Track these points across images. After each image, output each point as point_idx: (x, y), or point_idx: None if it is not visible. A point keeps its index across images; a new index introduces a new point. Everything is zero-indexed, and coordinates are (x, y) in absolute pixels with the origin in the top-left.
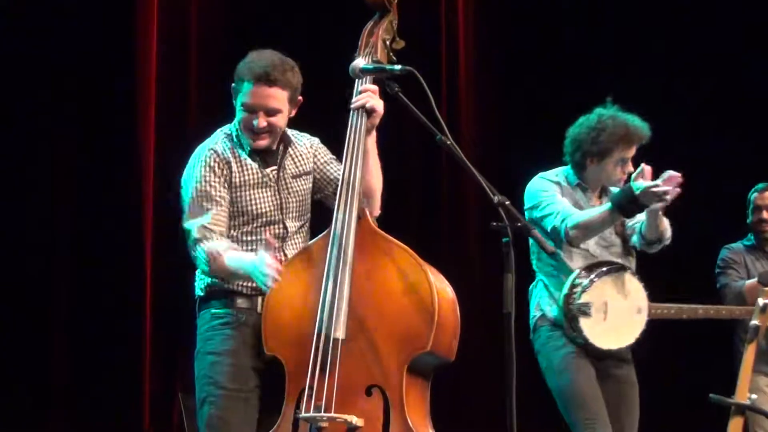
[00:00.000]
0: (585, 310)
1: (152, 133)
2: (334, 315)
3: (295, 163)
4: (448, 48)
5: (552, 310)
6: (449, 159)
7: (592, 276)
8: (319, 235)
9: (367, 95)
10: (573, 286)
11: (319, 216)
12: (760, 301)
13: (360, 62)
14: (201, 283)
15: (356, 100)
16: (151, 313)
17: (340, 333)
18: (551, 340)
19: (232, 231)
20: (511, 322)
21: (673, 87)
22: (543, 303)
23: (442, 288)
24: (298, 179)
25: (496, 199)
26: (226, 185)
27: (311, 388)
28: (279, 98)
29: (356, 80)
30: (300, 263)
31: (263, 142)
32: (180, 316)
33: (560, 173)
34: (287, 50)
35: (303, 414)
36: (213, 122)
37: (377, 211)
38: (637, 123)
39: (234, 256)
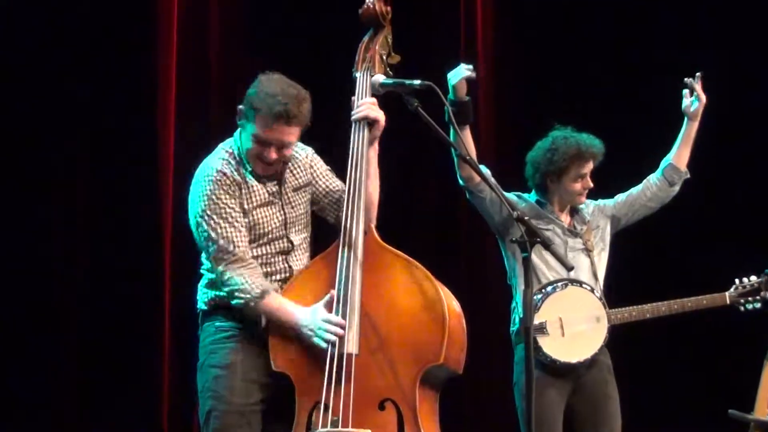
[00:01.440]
0: (541, 329)
1: (171, 147)
2: (346, 330)
3: (294, 176)
4: (467, 61)
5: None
6: None
7: (540, 296)
8: (326, 250)
9: (367, 107)
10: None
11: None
12: None
13: (379, 78)
14: (205, 296)
15: (357, 112)
16: (170, 324)
17: (353, 348)
18: (522, 361)
19: None
20: (530, 336)
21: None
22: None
23: (450, 301)
24: (298, 192)
25: (515, 214)
26: (239, 208)
27: (326, 403)
28: (294, 133)
29: (357, 89)
30: (307, 278)
31: (271, 170)
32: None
33: (522, 198)
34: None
35: (319, 430)
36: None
37: (374, 222)
38: (588, 141)
39: (283, 302)
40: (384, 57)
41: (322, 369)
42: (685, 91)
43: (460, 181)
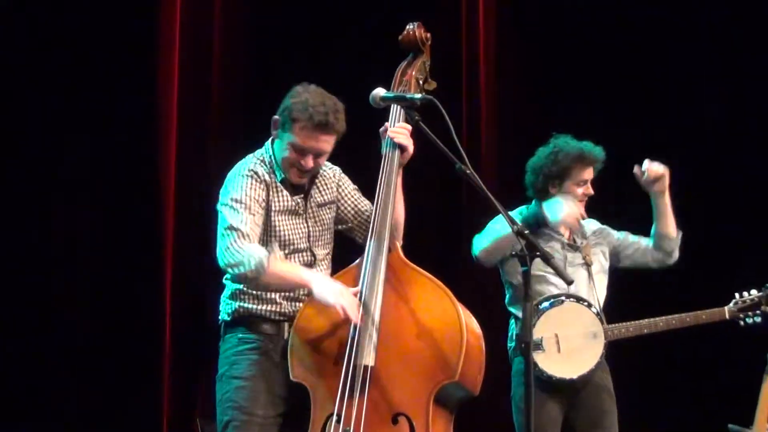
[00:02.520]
0: (537, 345)
1: (173, 156)
2: (365, 342)
3: (320, 192)
4: (469, 77)
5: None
6: (469, 188)
7: (537, 312)
8: (350, 265)
9: (403, 132)
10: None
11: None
12: None
13: (381, 91)
14: (228, 307)
15: (395, 133)
16: (170, 338)
17: (370, 360)
18: (518, 374)
19: None
20: (530, 350)
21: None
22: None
23: (470, 321)
24: (323, 208)
25: (515, 228)
26: (264, 205)
27: (339, 414)
28: (331, 143)
29: (390, 115)
30: None
31: (304, 179)
32: (199, 341)
33: (522, 210)
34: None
35: None
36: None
37: (400, 242)
38: (590, 146)
39: (290, 263)
40: (420, 82)
41: (340, 379)
42: (636, 172)
43: None
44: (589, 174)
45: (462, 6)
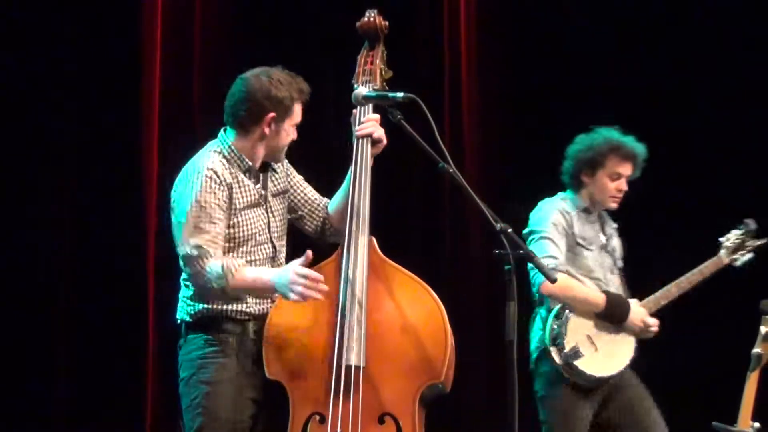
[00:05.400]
0: (576, 353)
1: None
2: (351, 342)
3: (273, 182)
4: (451, 75)
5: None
6: (452, 186)
7: (562, 320)
8: (325, 261)
9: (372, 124)
10: (553, 339)
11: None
12: (763, 329)
13: (363, 90)
14: (190, 308)
15: (361, 128)
16: (153, 340)
17: (357, 360)
18: (548, 375)
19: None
20: (513, 350)
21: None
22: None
23: (447, 319)
24: (276, 198)
25: (498, 226)
26: (225, 208)
27: (322, 414)
28: None
29: (358, 108)
30: None
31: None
32: None
33: (567, 200)
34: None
35: None
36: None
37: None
38: (632, 141)
39: (253, 269)
40: (382, 71)
41: (321, 378)
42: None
43: None
44: (625, 169)
45: (444, 4)
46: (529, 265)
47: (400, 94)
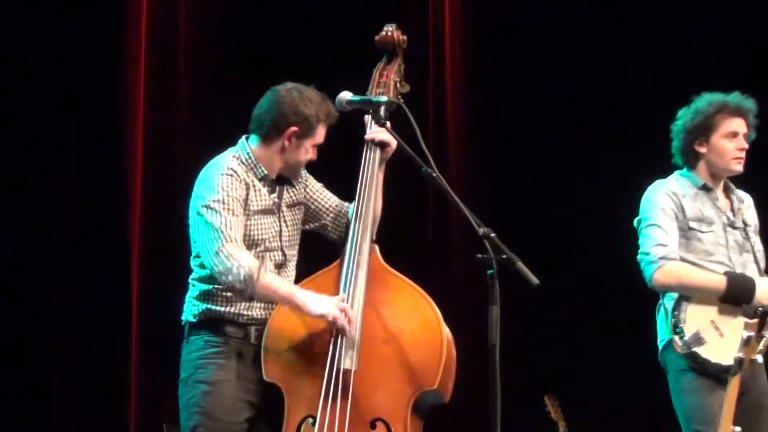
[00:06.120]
0: (698, 339)
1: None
2: (346, 346)
3: (289, 192)
4: (436, 80)
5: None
6: (435, 190)
7: (681, 307)
8: (330, 265)
9: (383, 130)
10: (674, 327)
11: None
12: (744, 334)
13: (347, 94)
14: (194, 309)
15: (373, 132)
16: (136, 340)
17: (351, 364)
18: (676, 365)
19: None
20: (496, 354)
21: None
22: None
23: (446, 329)
24: (292, 209)
25: (481, 231)
26: (243, 205)
27: (315, 417)
28: None
29: (367, 116)
30: (310, 289)
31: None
32: (166, 344)
33: (681, 180)
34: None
35: None
36: (202, 145)
37: (373, 237)
38: (736, 97)
39: (277, 278)
40: (398, 85)
41: (316, 382)
42: None
43: None
44: (740, 126)
45: (429, 8)
46: (639, 257)
47: (384, 99)
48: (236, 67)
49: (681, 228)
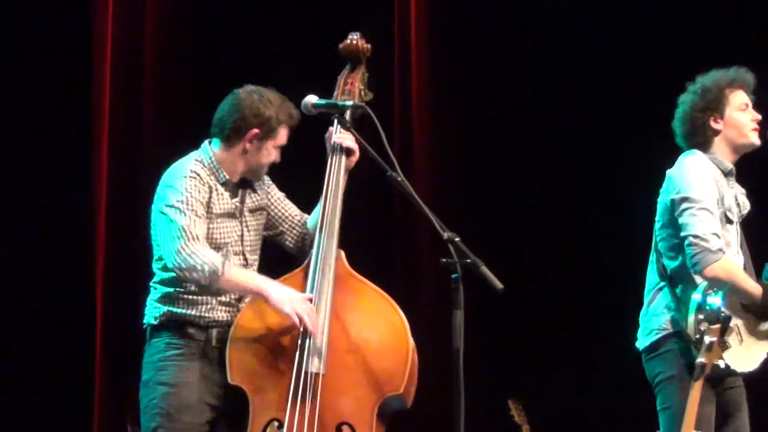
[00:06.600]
0: (725, 344)
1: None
2: (314, 349)
3: (252, 197)
4: (402, 84)
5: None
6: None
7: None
8: (293, 271)
9: (350, 136)
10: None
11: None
12: (707, 339)
13: (312, 98)
14: (156, 311)
15: (339, 137)
16: (101, 341)
17: (318, 368)
18: (674, 355)
19: None
20: (460, 358)
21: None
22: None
23: (410, 334)
24: (254, 213)
25: (445, 235)
26: (206, 207)
27: (281, 420)
28: None
29: (335, 122)
30: None
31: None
32: (131, 344)
33: (708, 162)
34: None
35: None
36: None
37: None
38: (736, 69)
39: (242, 270)
40: (362, 93)
41: (282, 385)
42: None
43: None
44: (746, 97)
45: (395, 12)
46: (686, 241)
47: (350, 103)
48: (203, 69)
49: (720, 218)
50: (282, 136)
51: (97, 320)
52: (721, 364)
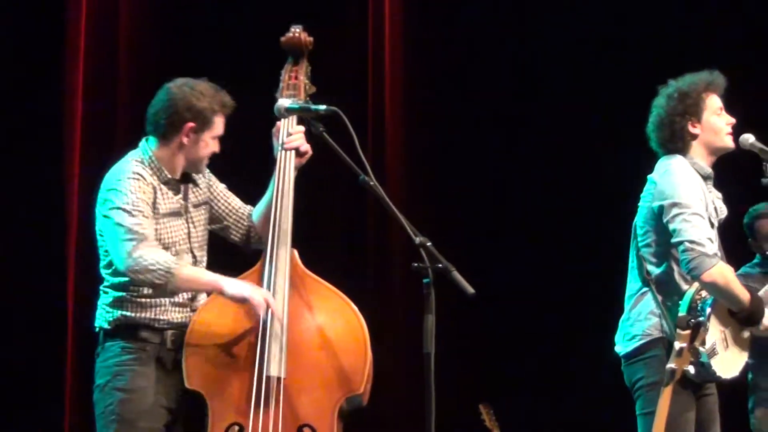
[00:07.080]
0: (713, 351)
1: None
2: (272, 353)
3: (194, 192)
4: (374, 88)
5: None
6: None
7: (704, 315)
8: (247, 271)
9: (300, 137)
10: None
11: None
12: (677, 345)
13: (285, 102)
14: (108, 315)
15: (290, 141)
16: (72, 345)
17: (278, 371)
18: (659, 361)
19: None
20: (431, 362)
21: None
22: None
23: (367, 332)
24: (198, 208)
25: (417, 240)
26: (152, 207)
27: (241, 425)
28: None
29: (282, 120)
30: (225, 299)
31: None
32: None
33: (690, 166)
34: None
35: None
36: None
37: None
38: (708, 72)
39: (194, 268)
40: (306, 86)
41: (241, 389)
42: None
43: None
44: (720, 101)
45: (369, 14)
46: (681, 246)
47: (323, 107)
48: (178, 69)
49: None
50: (218, 126)
51: (68, 324)
52: (692, 369)
